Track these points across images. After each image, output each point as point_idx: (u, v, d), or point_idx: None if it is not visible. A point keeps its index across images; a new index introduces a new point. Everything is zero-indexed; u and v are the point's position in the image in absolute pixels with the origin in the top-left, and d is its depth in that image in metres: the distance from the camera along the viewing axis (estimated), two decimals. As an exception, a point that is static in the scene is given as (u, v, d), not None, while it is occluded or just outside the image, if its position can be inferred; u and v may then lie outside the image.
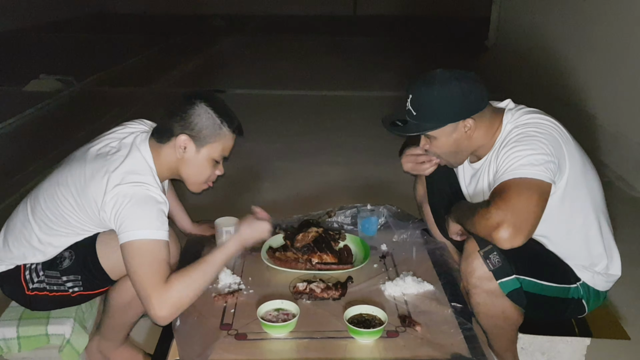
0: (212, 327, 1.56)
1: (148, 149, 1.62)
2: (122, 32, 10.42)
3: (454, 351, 1.46)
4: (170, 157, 1.62)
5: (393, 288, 1.73)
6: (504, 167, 1.52)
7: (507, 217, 1.41)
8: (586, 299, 1.67)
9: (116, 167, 1.54)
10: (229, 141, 1.65)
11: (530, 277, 1.58)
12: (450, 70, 1.62)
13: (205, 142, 1.61)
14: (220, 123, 1.61)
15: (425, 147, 1.71)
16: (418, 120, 1.62)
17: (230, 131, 1.63)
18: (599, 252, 1.67)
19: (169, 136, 1.61)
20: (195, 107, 1.59)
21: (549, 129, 1.56)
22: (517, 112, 1.63)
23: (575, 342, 1.77)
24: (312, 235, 1.92)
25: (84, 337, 1.74)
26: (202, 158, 1.63)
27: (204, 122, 1.59)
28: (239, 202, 3.19)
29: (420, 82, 1.62)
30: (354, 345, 1.50)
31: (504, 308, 1.58)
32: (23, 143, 4.41)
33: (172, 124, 1.60)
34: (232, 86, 6.06)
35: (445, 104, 1.59)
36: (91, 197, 1.54)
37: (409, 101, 1.63)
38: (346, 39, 9.55)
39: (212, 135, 1.61)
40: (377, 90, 5.92)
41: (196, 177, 1.68)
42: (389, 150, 4.06)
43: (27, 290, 1.66)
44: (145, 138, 1.64)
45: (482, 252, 1.54)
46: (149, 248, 1.48)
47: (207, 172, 1.67)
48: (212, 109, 1.60)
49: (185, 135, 1.59)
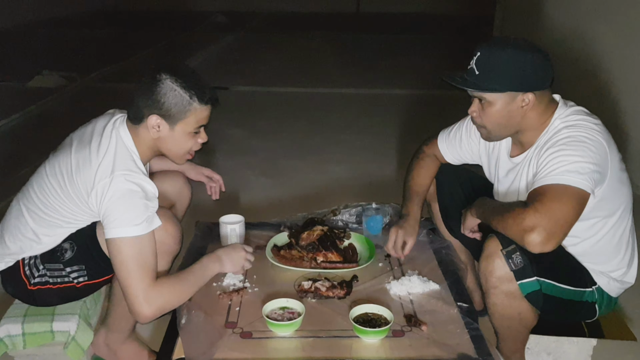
0: (217, 325, 1.56)
1: (128, 133, 1.61)
2: (125, 28, 10.42)
3: (460, 351, 1.45)
4: (147, 137, 1.61)
5: (398, 287, 1.72)
6: (548, 169, 1.47)
7: (543, 222, 1.38)
8: (599, 303, 1.65)
9: (102, 159, 1.55)
10: (203, 112, 1.61)
11: (550, 279, 1.55)
12: (526, 40, 1.55)
13: (177, 119, 1.58)
14: (189, 98, 1.56)
15: (474, 113, 1.62)
16: (478, 80, 1.54)
17: (202, 103, 1.59)
18: (620, 259, 1.65)
19: (141, 117, 1.58)
20: (160, 85, 1.54)
21: (598, 135, 1.51)
22: (568, 110, 1.58)
23: (582, 342, 1.76)
24: (317, 233, 1.92)
25: (88, 333, 1.74)
26: (178, 134, 1.60)
27: (171, 99, 1.55)
28: (243, 200, 3.19)
29: (492, 42, 1.55)
30: (360, 344, 1.49)
31: (521, 310, 1.56)
32: (26, 139, 4.41)
33: (140, 104, 1.57)
34: (235, 83, 6.05)
35: (513, 69, 1.51)
36: (79, 187, 1.56)
37: (475, 60, 1.55)
38: (350, 36, 9.53)
39: (183, 112, 1.57)
40: (381, 88, 5.91)
41: (177, 152, 1.66)
42: (394, 149, 4.09)
43: (29, 286, 1.66)
44: (123, 121, 1.64)
45: (504, 251, 1.51)
46: (133, 245, 1.51)
47: (187, 145, 1.64)
48: (178, 85, 1.55)
49: (155, 115, 1.56)
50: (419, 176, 1.97)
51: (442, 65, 6.86)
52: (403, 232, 1.85)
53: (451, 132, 1.91)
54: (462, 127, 1.87)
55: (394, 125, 4.63)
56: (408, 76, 6.45)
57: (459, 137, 1.88)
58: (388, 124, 4.68)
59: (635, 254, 1.69)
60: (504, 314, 1.58)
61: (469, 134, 1.84)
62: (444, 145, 1.93)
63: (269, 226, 2.14)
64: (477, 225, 1.73)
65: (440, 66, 6.87)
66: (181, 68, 1.60)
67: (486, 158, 1.83)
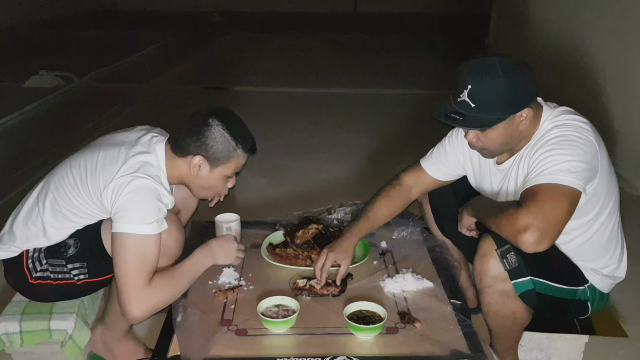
0: (212, 323, 1.57)
1: (163, 153, 1.67)
2: (122, 28, 10.41)
3: (453, 348, 1.47)
4: (183, 170, 1.67)
5: (393, 285, 1.74)
6: (540, 169, 1.48)
7: (537, 222, 1.38)
8: (591, 300, 1.67)
9: (131, 158, 1.60)
10: (242, 160, 1.70)
11: (544, 278, 1.56)
12: (506, 56, 1.53)
13: (219, 163, 1.66)
14: (235, 145, 1.65)
15: (473, 139, 1.59)
16: (477, 113, 1.50)
17: (244, 152, 1.68)
18: (611, 255, 1.67)
19: (185, 153, 1.65)
20: (211, 129, 1.62)
21: (588, 134, 1.51)
22: (555, 110, 1.59)
23: (574, 339, 1.78)
24: (312, 232, 1.93)
25: (86, 332, 1.75)
26: (215, 176, 1.69)
27: (219, 144, 1.63)
28: (239, 199, 3.20)
29: (479, 71, 1.49)
30: (354, 341, 1.51)
31: (514, 309, 1.57)
32: (23, 139, 4.41)
33: (188, 142, 1.64)
34: (232, 83, 6.05)
35: (509, 94, 1.49)
36: (99, 181, 1.59)
37: (467, 92, 1.50)
38: (347, 36, 9.54)
39: (226, 157, 1.65)
40: (377, 88, 5.92)
41: (206, 191, 1.74)
42: (389, 149, 4.10)
43: (30, 279, 1.67)
44: (162, 141, 1.69)
45: (499, 251, 1.52)
46: (139, 244, 1.52)
47: (218, 187, 1.73)
48: (227, 131, 1.63)
49: (201, 156, 1.64)
50: (381, 204, 1.86)
51: (440, 65, 6.89)
52: (333, 254, 1.75)
53: (433, 152, 1.88)
54: (444, 143, 1.86)
55: (389, 125, 4.65)
56: (404, 76, 6.46)
57: (443, 152, 1.85)
58: (384, 123, 4.69)
59: (625, 249, 1.71)
60: (498, 312, 1.60)
61: (453, 147, 1.83)
62: (429, 165, 1.87)
63: (264, 225, 2.15)
64: (473, 223, 1.74)
65: (438, 66, 6.90)
66: (230, 116, 1.69)
67: (471, 168, 1.82)
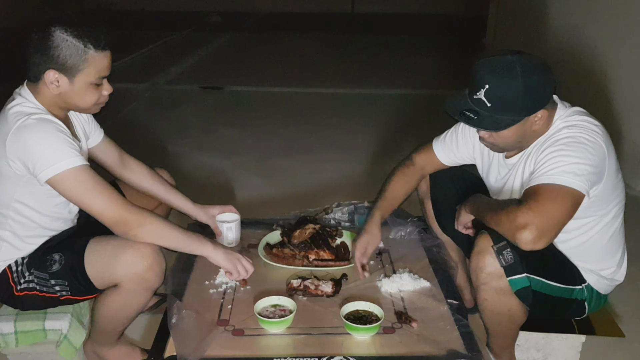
0: (209, 323, 1.57)
1: (29, 92, 1.56)
2: (119, 28, 10.40)
3: (450, 347, 1.47)
4: (48, 94, 1.55)
5: (390, 285, 1.74)
6: (546, 168, 1.47)
7: (536, 221, 1.38)
8: (588, 300, 1.67)
9: (8, 115, 1.52)
10: (101, 61, 1.54)
11: (540, 276, 1.56)
12: (526, 55, 1.50)
13: (75, 71, 1.52)
14: (84, 47, 1.50)
15: (485, 136, 1.59)
16: (492, 112, 1.50)
17: (98, 50, 1.52)
18: (610, 258, 1.67)
19: (38, 74, 1.52)
20: (52, 37, 1.48)
21: (598, 137, 1.50)
22: (569, 110, 1.58)
23: (571, 339, 1.78)
24: (309, 231, 1.93)
25: (81, 332, 1.74)
26: (79, 87, 1.54)
27: (65, 51, 1.49)
28: (237, 199, 3.20)
29: (498, 71, 1.48)
30: (351, 341, 1.51)
31: (510, 306, 1.57)
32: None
33: (35, 61, 1.51)
34: (229, 83, 6.05)
35: (527, 97, 1.48)
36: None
37: (484, 91, 1.48)
38: (344, 36, 9.54)
39: (79, 62, 1.51)
40: (374, 88, 5.92)
41: (84, 105, 1.60)
42: (386, 148, 4.10)
43: (15, 292, 1.63)
44: (23, 84, 1.60)
45: (495, 247, 1.52)
46: (76, 175, 1.48)
47: (92, 97, 1.58)
48: (69, 34, 1.48)
49: (52, 69, 1.51)
50: (396, 183, 1.94)
51: (437, 65, 6.89)
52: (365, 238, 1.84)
53: (446, 137, 1.90)
54: (457, 130, 1.87)
55: (386, 125, 4.64)
56: (402, 76, 6.46)
57: (454, 139, 1.87)
58: (381, 124, 4.69)
59: (625, 253, 1.71)
60: (494, 309, 1.59)
61: (464, 136, 1.85)
62: (440, 150, 1.91)
63: (261, 224, 2.14)
64: (470, 221, 1.74)
65: (435, 66, 6.90)
66: (71, 18, 1.53)
67: (480, 159, 1.84)
